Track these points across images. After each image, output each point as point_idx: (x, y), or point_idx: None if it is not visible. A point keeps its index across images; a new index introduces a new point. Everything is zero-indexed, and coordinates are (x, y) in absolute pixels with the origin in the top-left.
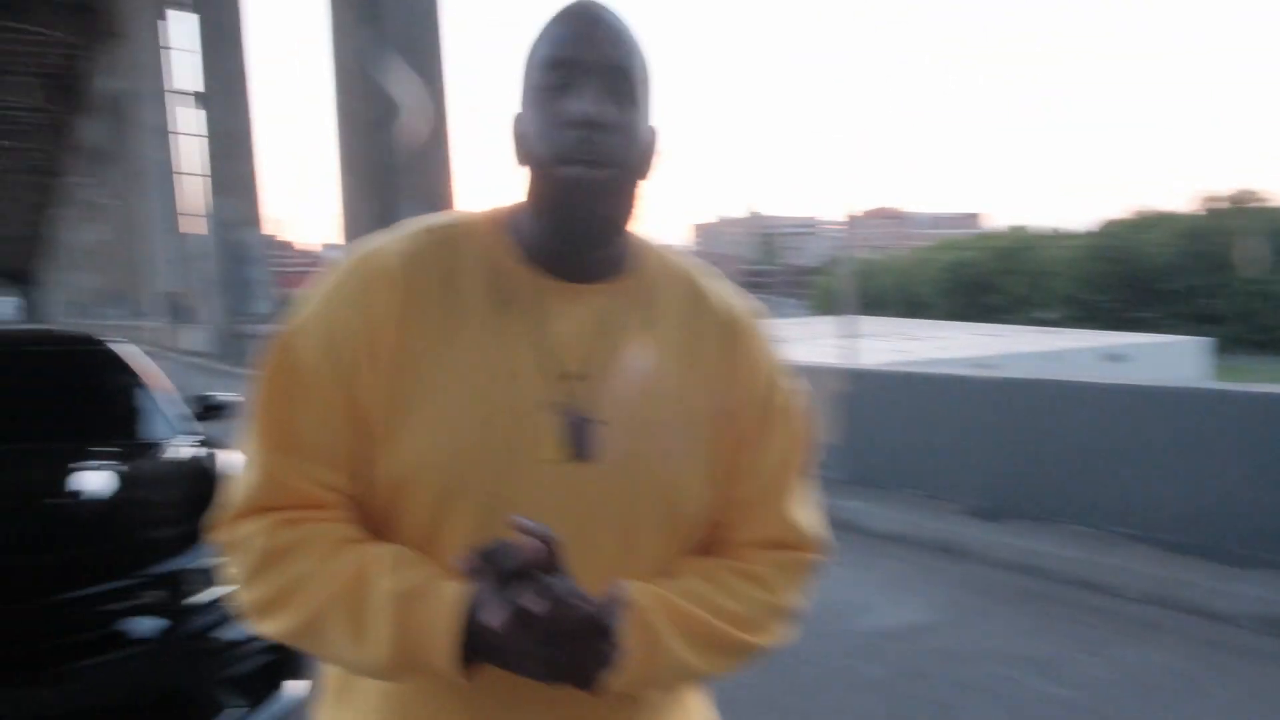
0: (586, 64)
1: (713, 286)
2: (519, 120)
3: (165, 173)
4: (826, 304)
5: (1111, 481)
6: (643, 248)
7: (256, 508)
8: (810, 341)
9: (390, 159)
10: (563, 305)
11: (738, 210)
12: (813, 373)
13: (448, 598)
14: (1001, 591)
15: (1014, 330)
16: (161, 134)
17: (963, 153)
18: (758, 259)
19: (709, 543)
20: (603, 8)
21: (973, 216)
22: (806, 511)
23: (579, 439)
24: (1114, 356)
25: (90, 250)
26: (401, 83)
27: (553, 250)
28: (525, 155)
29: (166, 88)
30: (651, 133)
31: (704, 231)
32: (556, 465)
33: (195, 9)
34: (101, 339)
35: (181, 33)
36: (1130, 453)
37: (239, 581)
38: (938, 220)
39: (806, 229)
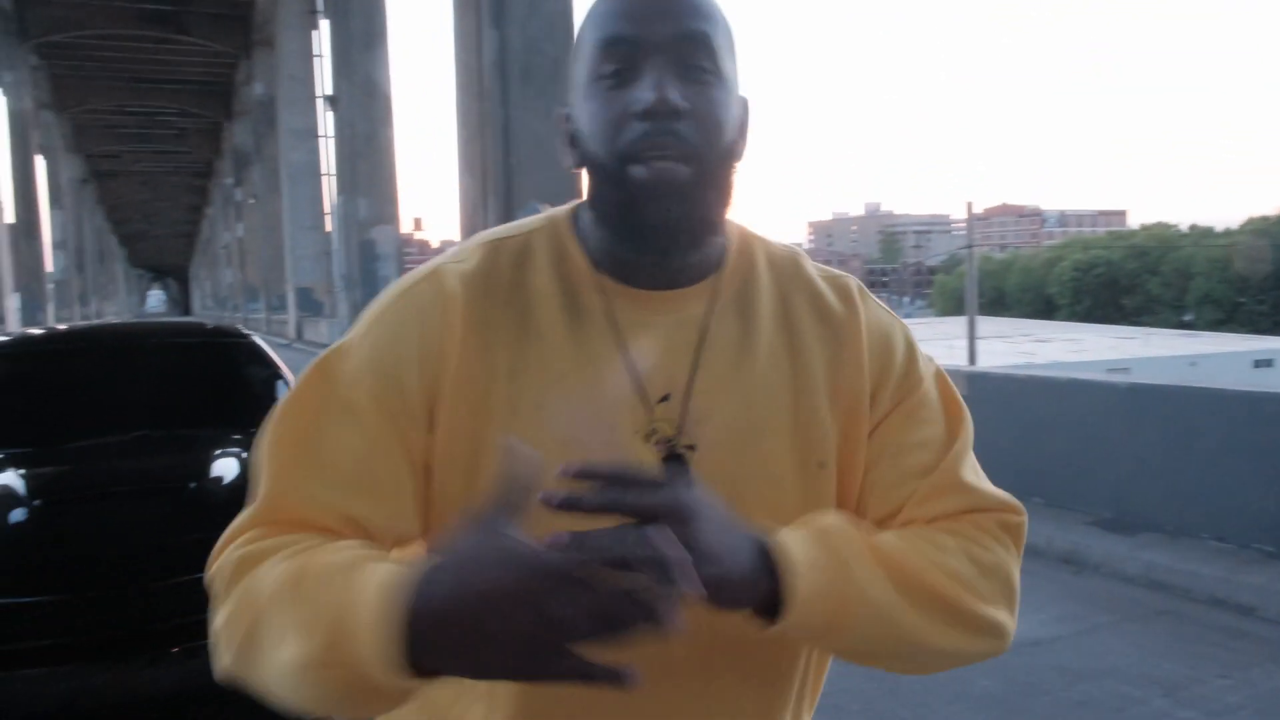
0: (651, 40)
1: (810, 268)
2: (571, 117)
3: (301, 172)
4: (949, 304)
5: (1253, 495)
6: (735, 239)
7: (254, 526)
8: (931, 342)
9: (509, 159)
10: (646, 318)
11: (855, 207)
12: None
13: (387, 568)
14: (1128, 607)
15: (1151, 333)
16: (302, 136)
17: (1100, 148)
18: (878, 257)
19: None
20: None
21: (1109, 214)
22: (977, 477)
23: (671, 470)
24: (1263, 362)
25: (232, 247)
26: (521, 84)
27: (629, 260)
28: (584, 157)
29: (316, 93)
30: (741, 105)
31: (820, 229)
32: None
33: (329, 16)
34: (246, 333)
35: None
36: (1275, 466)
37: (214, 609)
38: (1068, 218)
39: (930, 226)
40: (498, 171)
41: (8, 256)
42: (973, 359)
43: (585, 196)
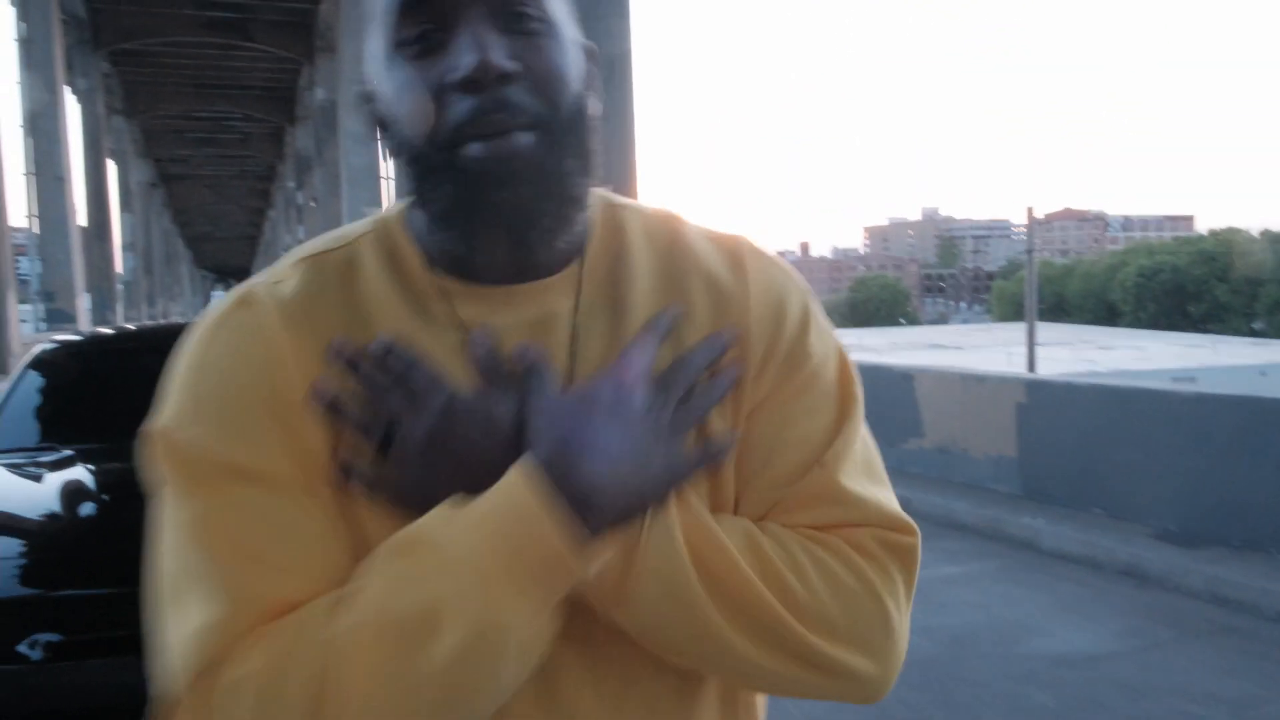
0: None
1: (693, 236)
2: (373, 95)
3: (360, 176)
4: (1008, 310)
5: None
6: (600, 213)
7: (214, 663)
8: (989, 349)
9: None
10: (506, 318)
11: (912, 212)
12: (988, 381)
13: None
14: (1193, 623)
15: (1219, 341)
16: (362, 140)
17: (1166, 151)
18: (935, 262)
19: None
20: None
21: (1176, 219)
22: (884, 489)
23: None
24: None
25: (292, 249)
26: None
27: (471, 254)
28: (396, 142)
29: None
30: (584, 53)
31: (875, 234)
32: None
33: None
34: None
35: None
36: None
37: None
38: (1133, 223)
39: (989, 231)
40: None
41: (80, 258)
42: (1032, 366)
43: (412, 188)
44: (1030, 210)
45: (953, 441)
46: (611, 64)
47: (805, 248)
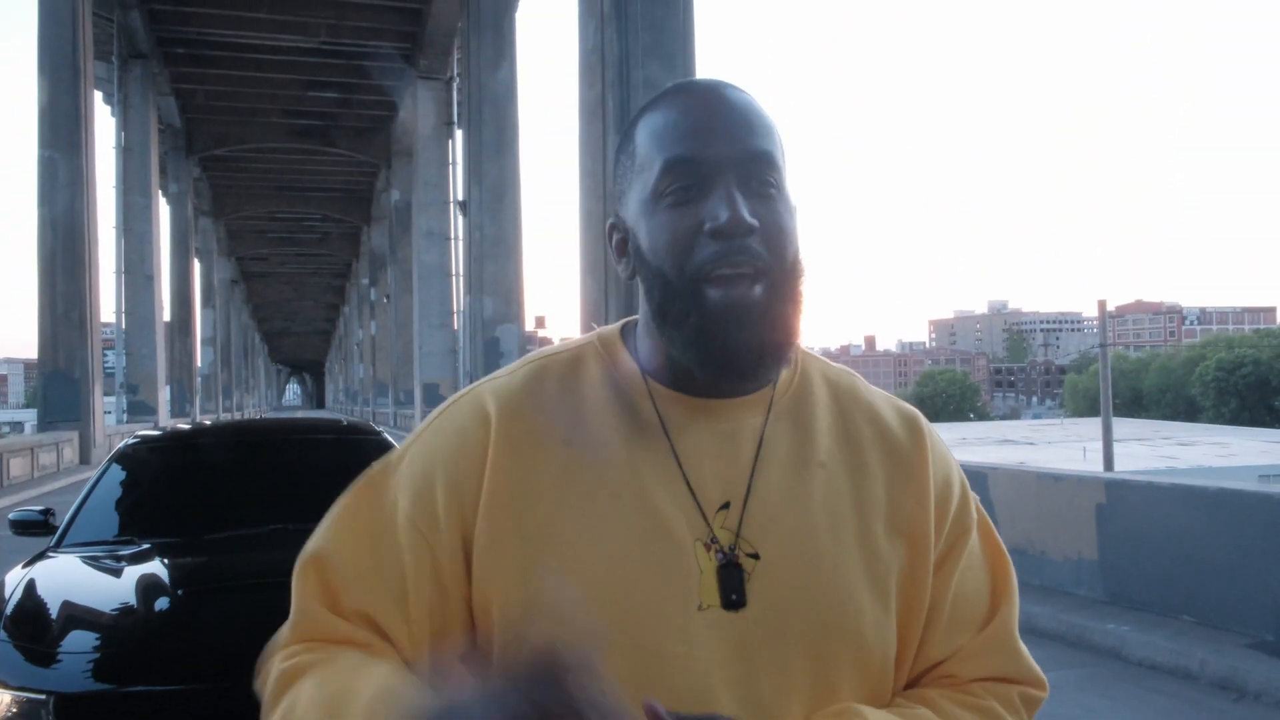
0: (719, 160)
1: (870, 393)
2: (624, 227)
3: (431, 273)
4: (1081, 404)
5: None
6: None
7: (292, 642)
8: (1062, 444)
9: None
10: (703, 425)
11: (979, 304)
12: (1065, 480)
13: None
14: None
15: None
16: (434, 239)
17: (1243, 241)
18: (1004, 356)
19: (926, 683)
20: (719, 85)
21: (1256, 310)
22: (1020, 642)
23: (730, 581)
24: None
25: (365, 344)
26: None
27: (685, 370)
28: (647, 271)
29: (448, 198)
30: (795, 215)
31: (941, 327)
32: (713, 612)
33: (463, 127)
34: (377, 430)
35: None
36: None
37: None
38: (1209, 315)
39: (1058, 324)
40: (621, 278)
41: (163, 352)
42: (1109, 464)
43: (642, 310)
44: (1102, 303)
45: (1029, 543)
46: None
47: (870, 341)
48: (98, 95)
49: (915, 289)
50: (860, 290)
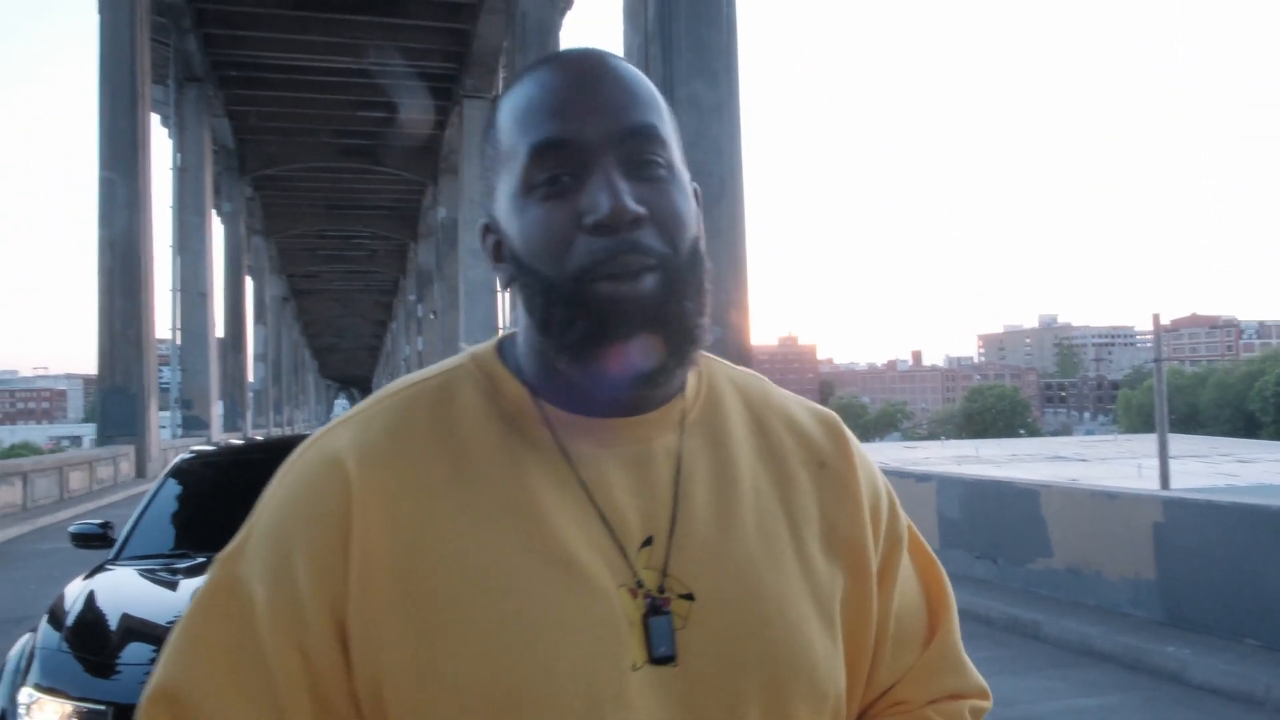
0: (594, 140)
1: (781, 397)
2: (496, 228)
3: (478, 289)
4: (1135, 420)
5: None
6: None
7: None
8: (1117, 461)
9: None
10: (611, 451)
11: (1029, 319)
12: (1121, 498)
13: None
14: None
15: None
16: (480, 255)
17: None
18: (1054, 371)
19: (879, 713)
20: (590, 51)
21: None
22: (964, 653)
23: (658, 630)
24: None
25: (412, 359)
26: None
27: (580, 387)
28: (525, 276)
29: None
30: (693, 197)
31: (990, 342)
32: (646, 671)
33: None
34: None
35: None
36: None
37: None
38: (1269, 328)
39: (1111, 339)
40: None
41: (216, 368)
42: (1165, 482)
43: (523, 322)
44: (1156, 316)
45: (1084, 562)
46: (722, 182)
47: (917, 356)
48: (155, 118)
49: (963, 303)
50: (907, 304)
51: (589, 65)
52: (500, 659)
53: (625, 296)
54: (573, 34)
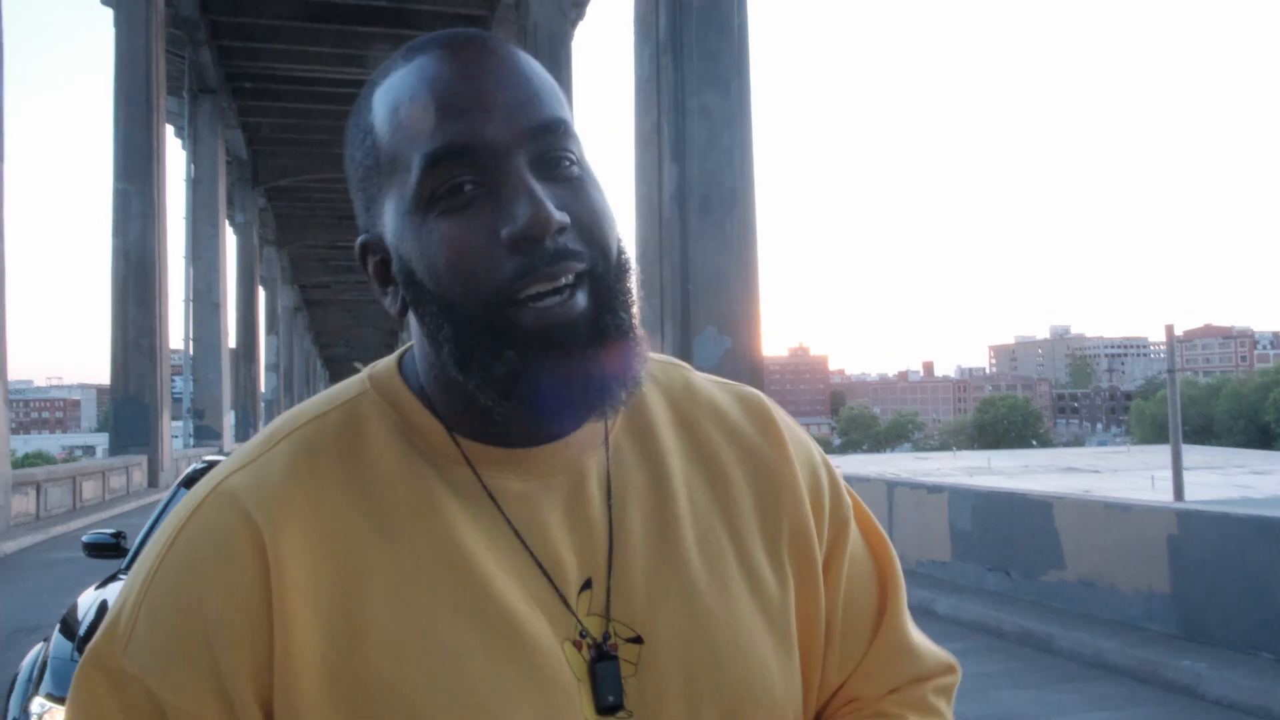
0: (500, 143)
1: (705, 385)
2: (382, 247)
3: None
4: (1148, 431)
5: None
6: None
7: None
8: (1130, 473)
9: (687, 286)
10: (537, 484)
11: (1040, 329)
12: (1135, 510)
13: None
14: None
15: None
16: None
17: None
18: (1067, 382)
19: (832, 716)
20: (480, 37)
21: None
22: (915, 634)
23: (604, 679)
24: None
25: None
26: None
27: (495, 415)
28: (428, 303)
29: None
30: (605, 192)
31: (1002, 352)
32: None
33: None
34: None
35: None
36: None
37: None
38: None
39: (1123, 350)
40: (675, 298)
41: (229, 378)
42: (1179, 494)
43: (421, 346)
44: (1170, 327)
45: (1098, 575)
46: (734, 192)
47: (929, 367)
48: (169, 129)
49: (975, 314)
50: (919, 315)
51: (479, 53)
52: None
53: (557, 318)
54: (584, 45)
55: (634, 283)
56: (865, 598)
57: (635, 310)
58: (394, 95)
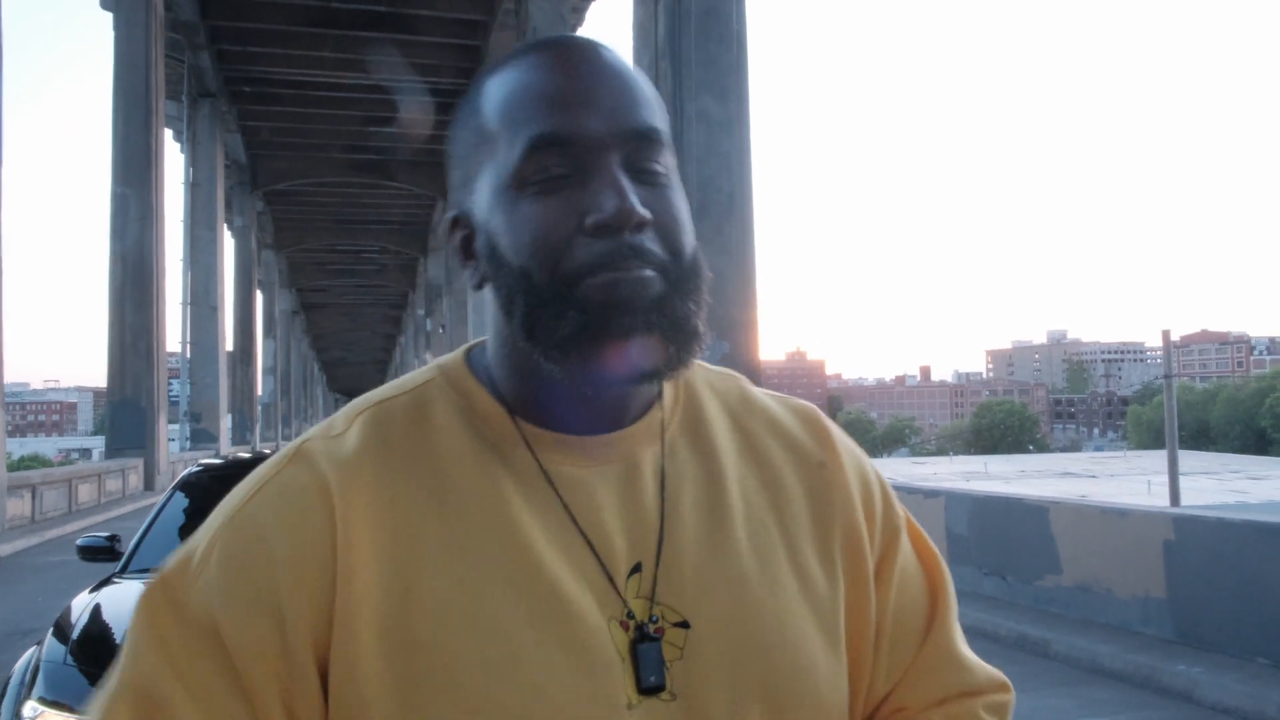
0: (597, 138)
1: (760, 395)
2: (470, 223)
3: (486, 304)
4: (1145, 437)
5: None
6: None
7: None
8: (1127, 478)
9: None
10: (592, 470)
11: (1037, 334)
12: (1131, 515)
13: None
14: None
15: None
16: None
17: None
18: (1064, 387)
19: (883, 718)
20: (593, 43)
21: None
22: (965, 647)
23: (647, 659)
24: None
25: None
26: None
27: (559, 402)
28: (506, 276)
29: None
30: (686, 202)
31: (998, 357)
32: (648, 705)
33: None
34: None
35: None
36: None
37: None
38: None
39: (1120, 355)
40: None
41: (226, 381)
42: (1175, 499)
43: (497, 329)
44: (1166, 332)
45: (1094, 580)
46: (731, 197)
47: (926, 372)
48: (168, 133)
49: (972, 319)
50: (916, 320)
51: (590, 55)
52: (489, 709)
53: (623, 285)
54: None
55: (705, 288)
56: (915, 607)
57: (703, 309)
58: (506, 83)
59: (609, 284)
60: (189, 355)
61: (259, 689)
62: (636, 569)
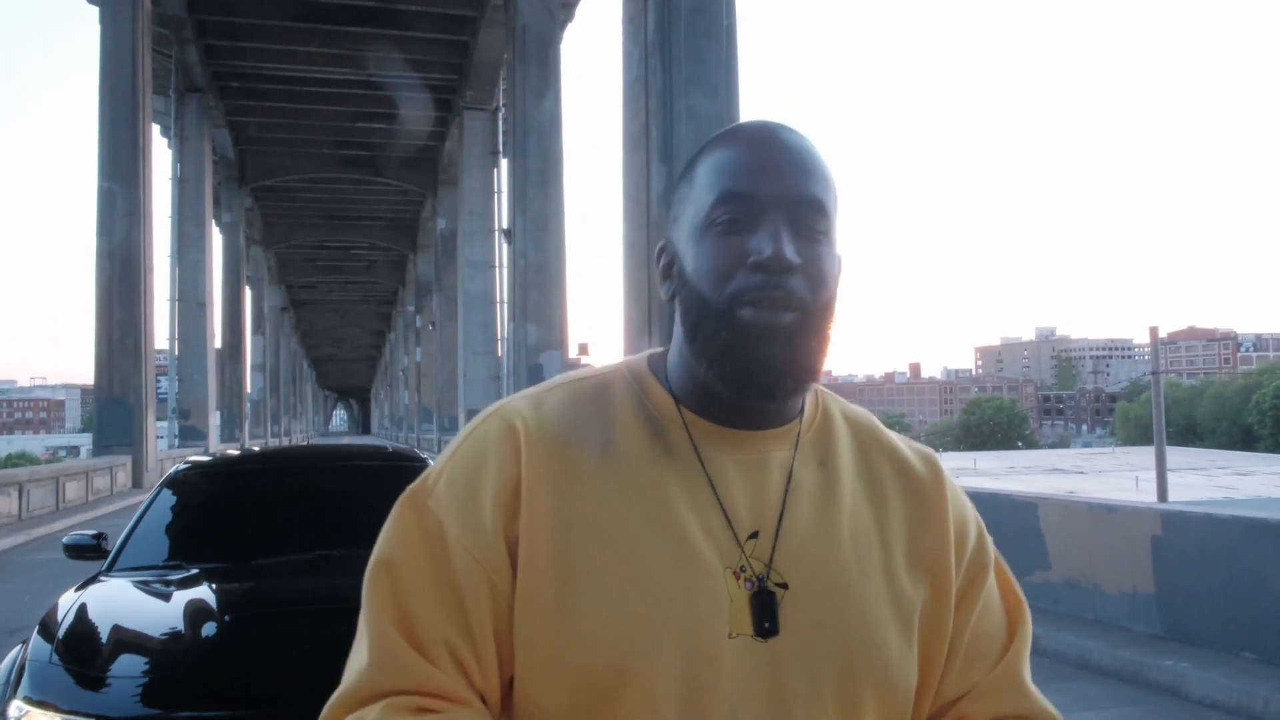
0: (770, 197)
1: (888, 433)
2: (671, 250)
3: (476, 301)
4: (1132, 433)
5: None
6: (812, 393)
7: (374, 693)
8: (1115, 474)
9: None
10: (733, 454)
11: (1026, 331)
12: (1119, 511)
13: None
14: None
15: None
16: (479, 267)
17: None
18: (1052, 383)
19: None
20: (783, 128)
21: None
22: (1029, 681)
23: (763, 609)
24: None
25: (410, 370)
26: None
27: (724, 400)
28: (688, 292)
29: (493, 227)
30: (838, 264)
31: (988, 354)
32: (743, 640)
33: (508, 156)
34: (422, 456)
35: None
36: None
37: None
38: (1266, 341)
39: (1109, 351)
40: (661, 300)
41: (214, 378)
42: (1163, 494)
43: (676, 335)
44: (1154, 329)
45: (1082, 575)
46: None
47: (915, 369)
48: (155, 128)
49: (961, 316)
50: (905, 317)
51: (780, 137)
52: (619, 611)
53: (765, 324)
54: (572, 47)
55: (831, 327)
56: (993, 635)
57: (825, 348)
58: (717, 153)
59: (755, 319)
60: (177, 352)
61: (468, 565)
62: (753, 535)
